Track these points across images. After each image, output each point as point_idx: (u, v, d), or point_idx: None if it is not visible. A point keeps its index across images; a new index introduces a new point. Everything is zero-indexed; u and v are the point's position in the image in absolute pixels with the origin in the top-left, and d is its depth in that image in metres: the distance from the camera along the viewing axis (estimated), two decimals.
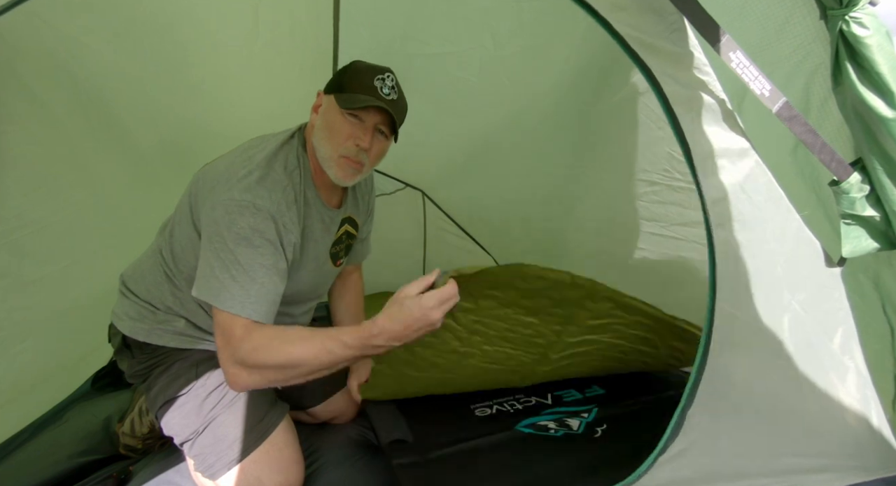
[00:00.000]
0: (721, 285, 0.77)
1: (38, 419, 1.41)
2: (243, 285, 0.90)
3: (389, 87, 1.00)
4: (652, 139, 1.18)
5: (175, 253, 1.06)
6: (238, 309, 0.89)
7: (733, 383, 0.83)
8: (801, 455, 0.87)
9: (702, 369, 0.81)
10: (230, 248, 0.90)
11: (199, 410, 1.02)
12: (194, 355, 1.08)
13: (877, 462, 0.89)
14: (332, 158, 1.00)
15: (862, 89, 0.68)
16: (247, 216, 0.91)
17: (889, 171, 0.71)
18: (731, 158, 0.74)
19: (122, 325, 1.11)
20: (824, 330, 0.84)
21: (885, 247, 0.76)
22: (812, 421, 0.87)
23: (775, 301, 0.80)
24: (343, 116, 0.98)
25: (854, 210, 0.75)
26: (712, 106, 0.73)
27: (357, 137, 0.99)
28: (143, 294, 1.11)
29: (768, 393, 0.84)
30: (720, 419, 0.84)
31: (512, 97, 1.44)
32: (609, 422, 1.18)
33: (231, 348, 0.89)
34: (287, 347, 0.87)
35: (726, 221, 0.75)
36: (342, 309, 1.40)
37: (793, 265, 0.80)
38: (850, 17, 0.67)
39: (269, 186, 0.95)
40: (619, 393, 1.32)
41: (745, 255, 0.76)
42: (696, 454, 0.84)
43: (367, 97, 0.97)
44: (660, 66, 0.71)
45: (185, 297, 1.07)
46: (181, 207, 1.06)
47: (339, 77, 1.03)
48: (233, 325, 0.89)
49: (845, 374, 0.86)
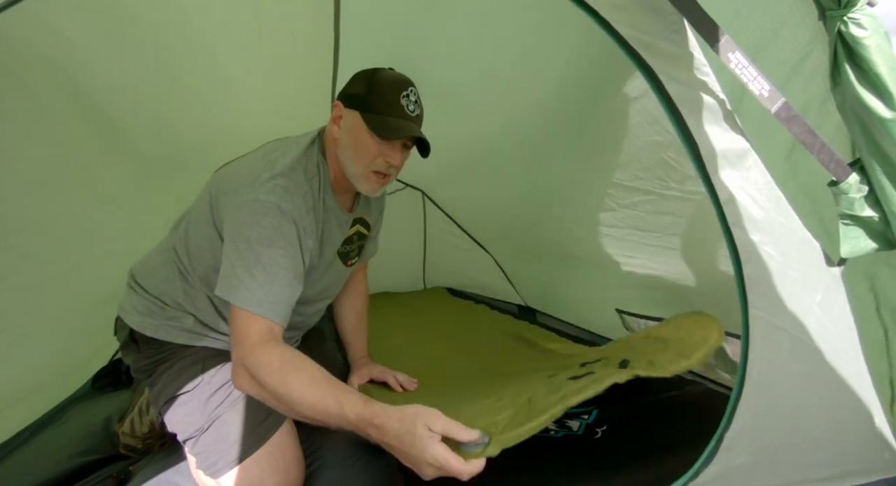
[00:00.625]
0: (751, 291, 0.74)
1: (38, 419, 1.42)
2: (263, 285, 0.91)
3: (414, 102, 1.04)
4: (648, 144, 1.18)
5: (191, 252, 1.08)
6: (255, 307, 0.90)
7: (776, 401, 0.78)
8: (822, 466, 0.85)
9: (741, 387, 0.77)
10: (253, 247, 0.92)
11: (203, 407, 1.03)
12: (200, 352, 1.09)
13: (878, 463, 0.89)
14: (363, 175, 1.05)
15: (860, 90, 0.68)
16: (271, 217, 0.94)
17: (888, 171, 0.71)
18: (733, 158, 0.74)
19: (130, 319, 1.12)
20: (839, 333, 0.82)
21: (884, 247, 0.76)
22: (833, 427, 0.84)
23: (799, 304, 0.77)
24: (373, 138, 1.01)
25: (853, 211, 0.75)
26: (712, 106, 0.73)
27: (387, 155, 1.03)
28: (152, 290, 1.12)
29: (805, 404, 0.81)
30: (764, 443, 0.79)
31: (512, 99, 1.45)
32: (609, 423, 1.18)
33: (242, 350, 0.89)
34: (292, 379, 0.86)
35: (740, 221, 0.73)
36: (346, 308, 1.43)
37: (802, 267, 0.79)
38: (848, 18, 0.67)
39: (292, 191, 0.97)
40: (620, 395, 1.31)
41: (764, 256, 0.74)
42: (731, 480, 0.79)
43: (397, 121, 1.00)
44: (660, 66, 0.71)
45: (196, 294, 1.08)
46: (199, 206, 1.08)
47: (362, 91, 1.03)
48: (249, 325, 0.90)
49: (854, 376, 0.84)
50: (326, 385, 0.86)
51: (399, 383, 1.30)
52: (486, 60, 1.36)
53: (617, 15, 0.70)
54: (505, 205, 1.98)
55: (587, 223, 1.58)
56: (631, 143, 1.21)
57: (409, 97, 1.03)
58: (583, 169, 1.47)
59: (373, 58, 1.48)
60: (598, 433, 1.15)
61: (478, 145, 1.72)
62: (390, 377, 1.30)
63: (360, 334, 1.45)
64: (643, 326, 1.57)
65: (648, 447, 1.01)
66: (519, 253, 2.21)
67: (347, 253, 1.22)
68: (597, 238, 1.58)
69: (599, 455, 1.06)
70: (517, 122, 1.53)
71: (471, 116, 1.57)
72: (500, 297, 2.51)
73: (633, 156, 1.22)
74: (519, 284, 2.40)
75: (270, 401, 0.90)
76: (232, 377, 0.92)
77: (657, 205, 1.25)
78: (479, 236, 2.49)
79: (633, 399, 1.28)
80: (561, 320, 2.07)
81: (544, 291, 2.21)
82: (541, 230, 1.90)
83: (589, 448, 1.09)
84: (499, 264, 2.45)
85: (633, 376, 0.85)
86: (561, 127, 1.43)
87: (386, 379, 1.31)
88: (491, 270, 2.47)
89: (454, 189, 2.21)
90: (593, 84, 1.24)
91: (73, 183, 1.26)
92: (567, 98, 1.33)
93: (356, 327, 1.45)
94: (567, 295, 2.02)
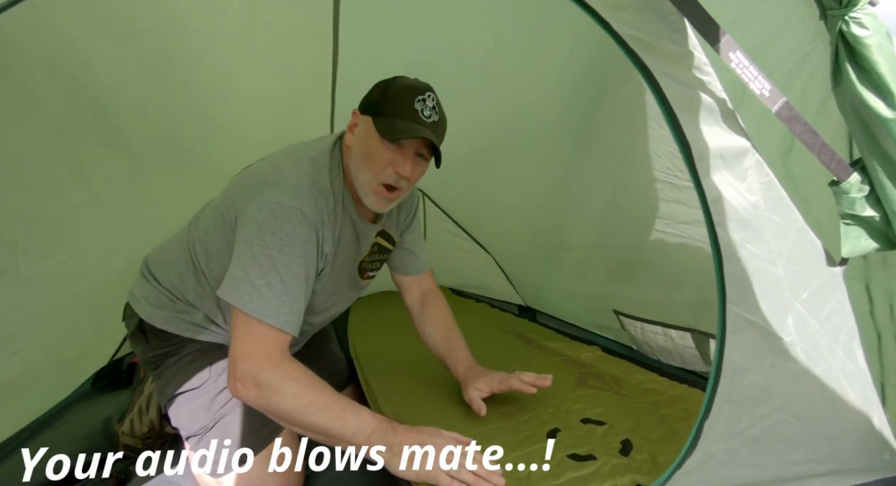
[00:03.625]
0: (730, 287, 0.76)
1: (37, 418, 1.42)
2: (279, 295, 0.87)
3: (430, 107, 0.96)
4: (653, 137, 1.18)
5: (209, 253, 1.05)
6: (273, 319, 0.86)
7: (751, 391, 0.80)
8: (813, 461, 0.86)
9: (717, 377, 0.79)
10: (271, 253, 0.87)
11: (209, 406, 1.02)
12: (208, 347, 1.09)
13: (877, 463, 0.89)
14: (370, 186, 0.98)
15: (862, 90, 0.68)
16: (294, 223, 0.90)
17: (889, 171, 0.71)
18: (730, 157, 0.74)
19: (140, 308, 1.11)
20: (828, 332, 0.83)
21: (885, 247, 0.76)
22: (824, 425, 0.85)
23: (778, 302, 0.79)
24: (382, 142, 0.95)
25: (854, 210, 0.74)
26: (712, 106, 0.73)
27: (397, 165, 0.96)
28: (165, 282, 1.11)
29: (785, 399, 0.82)
30: (740, 429, 0.81)
31: (513, 97, 1.44)
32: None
33: (256, 363, 0.85)
34: (312, 398, 0.85)
35: (725, 220, 0.74)
36: (430, 328, 1.27)
37: (794, 266, 0.80)
38: (849, 18, 0.66)
39: (315, 195, 0.93)
40: None
41: (746, 254, 0.75)
42: (714, 466, 0.81)
43: (408, 124, 0.94)
44: (659, 66, 0.71)
45: (206, 295, 1.07)
46: (218, 208, 1.04)
47: (377, 97, 0.99)
48: (265, 337, 0.86)
49: (850, 376, 0.85)
50: (344, 403, 0.87)
51: (528, 382, 1.06)
52: (487, 58, 1.36)
53: (616, 14, 0.70)
54: (505, 204, 1.98)
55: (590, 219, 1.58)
56: (637, 136, 1.21)
57: (426, 102, 0.96)
58: (586, 165, 1.47)
59: (372, 55, 1.49)
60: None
61: (478, 143, 1.72)
62: (515, 381, 1.07)
63: (455, 345, 1.23)
64: (639, 329, 1.57)
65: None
66: (519, 251, 2.21)
67: (366, 267, 1.16)
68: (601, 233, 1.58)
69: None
70: (518, 119, 1.53)
71: (471, 114, 1.56)
72: (500, 297, 2.51)
73: (640, 149, 1.22)
74: (519, 284, 2.40)
75: (276, 416, 0.87)
76: (230, 384, 0.88)
77: (666, 193, 1.24)
78: (479, 236, 2.49)
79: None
80: (560, 320, 2.07)
81: (544, 290, 2.21)
82: (541, 228, 1.90)
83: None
84: (499, 264, 2.45)
85: (633, 484, 0.85)
86: (563, 124, 1.43)
87: (511, 385, 1.07)
88: (491, 270, 2.47)
89: (454, 188, 2.20)
90: (595, 80, 1.24)
91: (68, 179, 1.25)
92: (569, 94, 1.33)
93: (448, 340, 1.24)
94: (567, 294, 2.02)
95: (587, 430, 1.01)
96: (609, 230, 1.55)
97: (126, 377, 1.63)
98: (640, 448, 0.94)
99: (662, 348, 1.50)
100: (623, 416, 1.07)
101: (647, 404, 1.14)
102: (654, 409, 1.10)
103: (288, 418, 0.85)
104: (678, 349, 1.45)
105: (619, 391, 1.21)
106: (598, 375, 1.32)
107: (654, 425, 1.03)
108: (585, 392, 1.19)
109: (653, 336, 1.52)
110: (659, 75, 0.71)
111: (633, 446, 0.95)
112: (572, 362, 1.44)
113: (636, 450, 0.93)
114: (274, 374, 0.85)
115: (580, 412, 1.08)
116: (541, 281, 2.17)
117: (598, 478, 0.85)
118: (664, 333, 1.48)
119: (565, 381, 1.26)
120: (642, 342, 1.58)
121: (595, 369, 1.37)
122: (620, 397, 1.17)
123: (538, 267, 2.08)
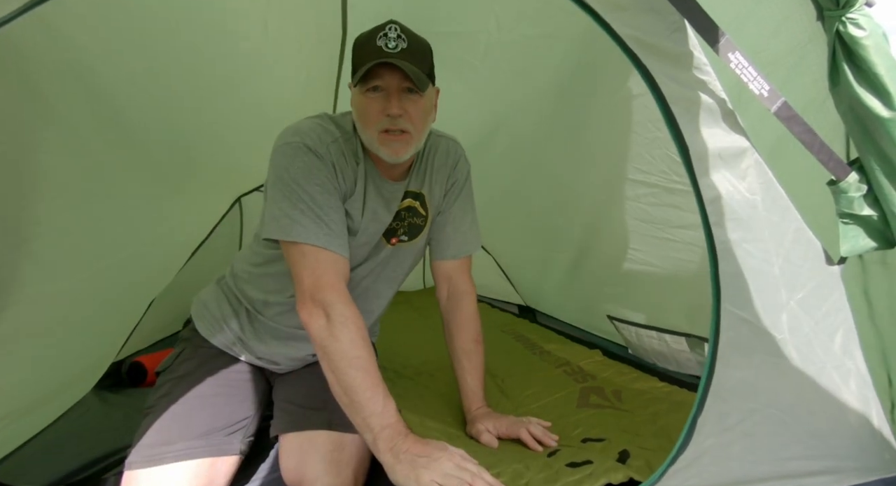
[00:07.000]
0: (724, 286, 0.77)
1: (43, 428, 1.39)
2: (315, 219, 0.93)
3: (394, 38, 0.92)
4: (650, 140, 1.19)
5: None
6: (319, 240, 0.91)
7: (742, 387, 0.82)
8: (807, 458, 0.86)
9: (711, 374, 0.80)
10: (295, 184, 0.93)
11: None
12: (189, 379, 1.08)
13: (877, 463, 0.89)
14: (375, 139, 0.97)
15: (859, 90, 0.68)
16: (301, 154, 0.95)
17: (886, 170, 0.71)
18: (729, 157, 0.75)
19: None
20: (824, 330, 0.84)
21: (883, 246, 0.77)
22: (817, 423, 0.86)
23: (773, 300, 0.80)
24: (364, 95, 0.95)
25: (852, 209, 0.75)
26: (712, 106, 0.73)
27: (385, 108, 0.94)
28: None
29: (775, 395, 0.84)
30: (731, 424, 0.82)
31: (512, 90, 1.45)
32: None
33: (318, 282, 0.90)
34: (358, 341, 0.87)
35: (723, 219, 0.75)
36: (450, 342, 1.18)
37: (791, 265, 0.80)
38: (846, 19, 0.67)
39: (320, 135, 0.98)
40: None
41: (742, 254, 0.76)
42: (708, 462, 0.82)
43: (375, 61, 0.90)
44: (659, 66, 0.72)
45: (258, 274, 1.13)
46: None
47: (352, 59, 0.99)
48: (316, 260, 0.91)
49: (847, 375, 0.85)
50: (381, 381, 0.87)
51: (536, 436, 1.03)
52: (490, 42, 1.37)
53: (617, 14, 0.71)
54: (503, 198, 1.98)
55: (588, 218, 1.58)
56: (634, 138, 1.21)
57: (388, 34, 0.92)
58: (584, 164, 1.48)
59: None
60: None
61: (477, 138, 1.71)
62: (523, 431, 1.03)
63: (469, 372, 1.14)
64: (635, 334, 1.58)
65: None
66: (517, 248, 2.21)
67: (393, 229, 1.10)
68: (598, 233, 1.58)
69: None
70: (516, 114, 1.54)
71: (471, 107, 1.56)
72: (500, 297, 2.51)
73: (636, 151, 1.23)
74: (519, 284, 2.40)
75: (324, 351, 0.87)
76: (301, 310, 0.90)
77: (661, 198, 1.25)
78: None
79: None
80: (560, 321, 2.07)
81: (543, 290, 2.21)
82: (540, 225, 1.90)
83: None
84: (499, 264, 2.45)
85: (627, 478, 0.86)
86: (561, 121, 1.44)
87: (519, 435, 1.03)
88: (491, 270, 2.47)
89: None
90: (593, 80, 1.25)
91: (89, 191, 1.22)
92: (567, 92, 1.34)
93: (462, 361, 1.15)
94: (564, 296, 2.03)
95: (586, 447, 1.02)
96: (604, 230, 1.55)
97: (127, 378, 1.63)
98: (637, 456, 0.95)
99: (658, 352, 1.50)
100: (622, 431, 1.07)
101: (646, 415, 1.14)
102: (654, 420, 1.11)
103: (334, 358, 0.86)
104: (673, 353, 1.45)
105: (619, 407, 1.20)
106: (599, 389, 1.30)
107: (652, 435, 1.04)
108: (586, 414, 1.17)
109: (648, 340, 1.52)
110: (658, 76, 0.72)
111: (631, 454, 0.96)
112: (574, 374, 1.42)
113: (633, 458, 0.95)
114: (345, 310, 0.88)
115: (580, 435, 1.08)
116: (540, 281, 2.17)
117: (593, 478, 0.86)
118: (658, 337, 1.48)
119: (566, 402, 1.25)
120: (638, 347, 1.58)
121: (596, 382, 1.35)
122: (621, 414, 1.16)
123: (537, 267, 2.09)
